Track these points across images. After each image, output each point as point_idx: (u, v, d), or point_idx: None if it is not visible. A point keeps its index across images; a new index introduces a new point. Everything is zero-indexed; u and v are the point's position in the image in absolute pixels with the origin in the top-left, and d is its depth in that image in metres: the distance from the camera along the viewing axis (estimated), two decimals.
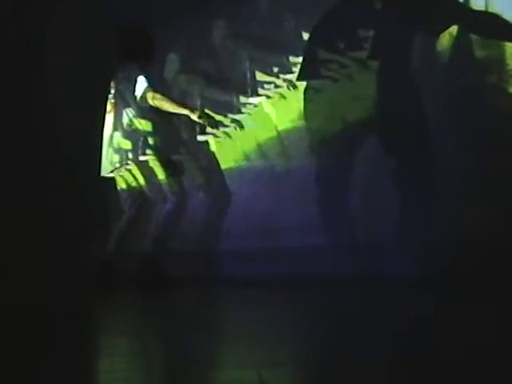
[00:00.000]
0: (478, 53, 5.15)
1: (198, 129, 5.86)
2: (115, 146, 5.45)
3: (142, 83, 5.18)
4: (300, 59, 5.74)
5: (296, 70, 5.77)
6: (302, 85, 5.70)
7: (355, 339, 2.69)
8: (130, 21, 5.39)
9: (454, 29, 5.20)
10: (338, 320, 3.38)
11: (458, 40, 5.21)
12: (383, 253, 5.04)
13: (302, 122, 5.72)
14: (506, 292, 4.14)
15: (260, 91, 6.04)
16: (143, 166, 5.38)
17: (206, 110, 5.45)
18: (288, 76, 5.91)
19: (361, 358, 2.28)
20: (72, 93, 5.62)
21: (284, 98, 5.91)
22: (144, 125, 5.32)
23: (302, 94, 5.66)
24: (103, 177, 5.45)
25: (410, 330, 2.94)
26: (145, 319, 3.72)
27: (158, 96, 5.16)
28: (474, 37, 5.17)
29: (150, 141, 5.31)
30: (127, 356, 2.48)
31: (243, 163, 6.10)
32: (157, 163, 5.32)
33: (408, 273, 4.64)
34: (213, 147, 6.06)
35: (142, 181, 5.44)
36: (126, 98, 5.32)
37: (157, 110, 5.25)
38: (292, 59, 5.92)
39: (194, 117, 5.18)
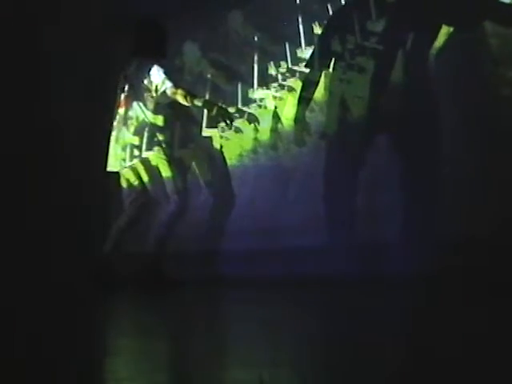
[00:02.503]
0: (493, 47, 5.12)
1: (205, 123, 5.83)
2: (124, 141, 5.39)
3: (158, 74, 5.12)
4: (308, 53, 5.73)
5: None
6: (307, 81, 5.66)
7: (356, 339, 2.69)
8: (144, 12, 5.36)
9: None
10: (338, 320, 3.39)
11: (472, 34, 5.18)
12: (386, 253, 5.04)
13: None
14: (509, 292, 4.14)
15: (269, 85, 6.02)
16: (148, 163, 5.34)
17: (224, 106, 5.43)
18: (298, 69, 5.90)
19: (361, 358, 2.28)
20: (78, 89, 5.63)
21: (291, 93, 5.88)
22: (156, 119, 5.27)
23: (301, 87, 5.61)
24: (107, 172, 5.41)
25: (412, 330, 2.94)
26: (144, 320, 3.72)
27: (180, 91, 5.10)
28: (488, 30, 5.13)
29: (160, 136, 5.27)
30: (127, 356, 2.48)
31: (243, 162, 6.08)
32: (163, 160, 5.27)
33: (411, 273, 4.64)
34: (217, 145, 6.03)
35: (145, 179, 5.40)
36: (138, 92, 5.26)
37: (173, 105, 5.21)
38: (301, 53, 5.91)
39: (213, 112, 5.15)
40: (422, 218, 5.15)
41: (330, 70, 5.50)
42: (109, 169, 5.42)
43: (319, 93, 5.63)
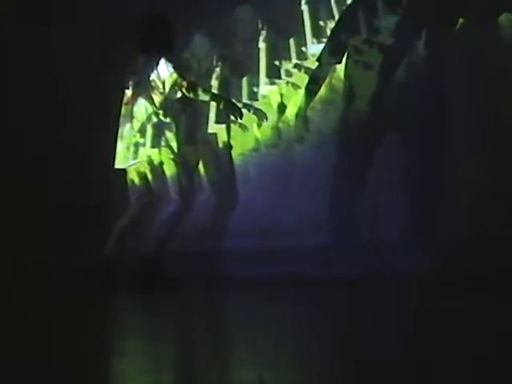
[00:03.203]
0: (509, 42, 5.06)
1: (214, 118, 5.80)
2: (129, 139, 5.31)
3: (166, 68, 5.07)
4: (316, 48, 5.72)
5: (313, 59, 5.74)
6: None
7: (357, 340, 2.69)
8: (151, 5, 5.34)
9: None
10: (338, 320, 3.39)
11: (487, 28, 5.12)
12: (388, 252, 5.03)
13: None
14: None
15: (275, 81, 6.00)
16: (153, 161, 5.27)
17: (233, 101, 5.40)
18: (305, 65, 5.88)
19: (362, 358, 2.28)
20: (85, 86, 5.62)
21: (296, 90, 5.84)
22: (163, 115, 5.20)
23: (308, 81, 5.58)
24: (114, 170, 5.35)
25: (413, 330, 2.94)
26: (145, 320, 3.72)
27: (188, 85, 5.06)
28: (503, 24, 5.08)
29: (167, 133, 5.21)
30: (129, 356, 2.48)
31: (244, 160, 6.05)
32: (169, 158, 5.20)
33: (413, 273, 4.64)
34: (222, 141, 5.98)
35: (150, 177, 5.33)
36: (145, 88, 5.20)
37: (181, 100, 5.16)
38: (309, 49, 5.90)
39: (220, 106, 5.13)
40: (424, 217, 5.14)
41: (341, 66, 5.48)
42: (115, 166, 5.37)
43: (324, 90, 5.61)
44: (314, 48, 5.82)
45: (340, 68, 5.51)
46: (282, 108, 5.91)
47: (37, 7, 5.61)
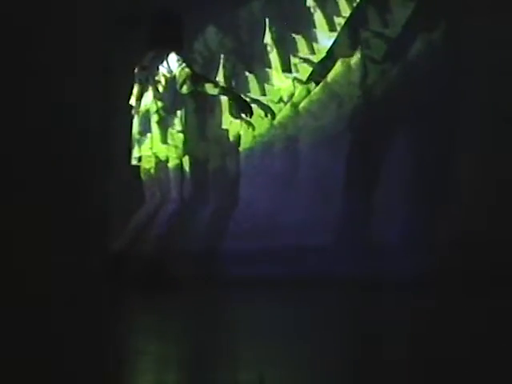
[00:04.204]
0: None
1: (231, 112, 5.78)
2: (138, 134, 5.24)
3: (176, 62, 5.04)
4: (324, 43, 5.73)
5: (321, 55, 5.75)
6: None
7: (356, 339, 2.69)
8: (163, 2, 5.33)
9: None
10: (339, 319, 3.39)
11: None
12: (387, 253, 5.03)
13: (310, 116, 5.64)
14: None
15: (284, 75, 5.99)
16: (159, 158, 5.23)
17: (243, 96, 5.38)
18: (314, 60, 5.88)
19: (361, 358, 2.28)
20: (96, 83, 5.63)
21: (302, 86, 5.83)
22: (172, 110, 5.17)
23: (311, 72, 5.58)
24: (128, 166, 5.31)
25: (413, 330, 2.95)
26: (144, 319, 3.72)
27: (198, 78, 5.04)
28: None
29: (175, 129, 5.17)
30: (126, 355, 2.49)
31: (245, 159, 6.03)
32: (174, 155, 5.16)
33: (412, 273, 4.64)
34: (232, 138, 5.94)
35: (156, 173, 5.28)
36: (154, 83, 5.16)
37: (193, 95, 5.13)
38: (319, 43, 5.90)
39: (230, 101, 5.12)
40: (425, 218, 5.14)
41: (346, 61, 5.47)
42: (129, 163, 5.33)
43: (327, 87, 5.60)
44: (323, 42, 5.83)
45: (344, 64, 5.51)
46: (286, 104, 5.90)
47: (43, 2, 5.62)
